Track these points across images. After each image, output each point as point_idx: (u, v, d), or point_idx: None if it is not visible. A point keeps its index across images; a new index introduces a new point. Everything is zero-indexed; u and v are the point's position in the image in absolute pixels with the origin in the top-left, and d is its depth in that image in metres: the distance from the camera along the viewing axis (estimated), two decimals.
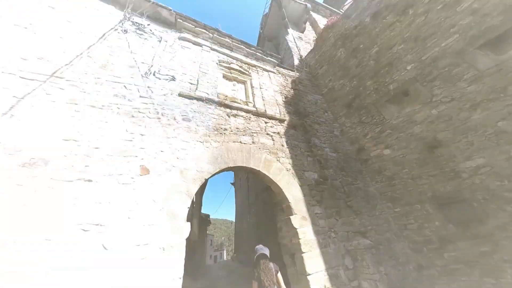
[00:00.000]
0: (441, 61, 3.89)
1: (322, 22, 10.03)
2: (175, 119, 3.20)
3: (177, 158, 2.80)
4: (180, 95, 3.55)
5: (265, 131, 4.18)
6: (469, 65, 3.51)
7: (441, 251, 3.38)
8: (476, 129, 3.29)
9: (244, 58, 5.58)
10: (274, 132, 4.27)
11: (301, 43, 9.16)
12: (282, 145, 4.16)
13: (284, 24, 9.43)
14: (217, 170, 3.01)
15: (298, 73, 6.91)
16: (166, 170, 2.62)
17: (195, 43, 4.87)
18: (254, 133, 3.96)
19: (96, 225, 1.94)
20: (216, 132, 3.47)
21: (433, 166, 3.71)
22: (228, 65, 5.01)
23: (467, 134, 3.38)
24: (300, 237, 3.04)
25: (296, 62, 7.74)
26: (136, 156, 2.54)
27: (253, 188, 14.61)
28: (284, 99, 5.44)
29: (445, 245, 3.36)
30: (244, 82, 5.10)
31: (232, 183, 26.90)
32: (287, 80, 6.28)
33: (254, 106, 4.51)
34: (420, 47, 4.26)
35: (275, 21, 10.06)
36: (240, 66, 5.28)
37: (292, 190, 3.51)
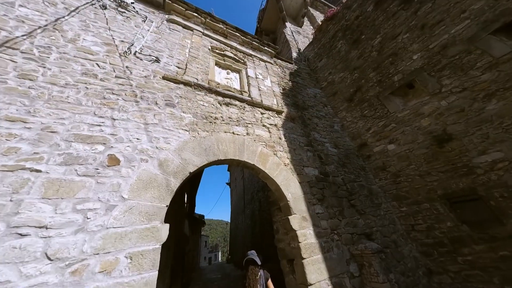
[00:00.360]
0: (450, 49, 3.61)
1: (320, 18, 9.77)
2: (156, 103, 2.76)
3: (157, 148, 2.37)
4: (164, 78, 3.11)
5: (261, 122, 3.79)
6: (483, 51, 3.23)
7: (454, 255, 3.06)
8: (492, 120, 3.00)
9: (239, 47, 5.18)
10: (271, 124, 3.89)
11: (299, 37, 8.86)
12: (280, 138, 3.77)
13: (282, 18, 9.10)
14: (204, 163, 2.59)
15: (296, 66, 6.57)
16: (141, 161, 2.18)
17: (185, 27, 4.44)
18: (249, 123, 3.56)
19: (39, 228, 1.48)
20: (205, 121, 3.05)
21: (443, 161, 3.40)
22: (221, 52, 4.60)
23: (481, 126, 3.09)
24: (300, 241, 2.65)
25: (294, 55, 7.41)
26: (104, 144, 2.09)
27: (249, 188, 14.21)
28: (282, 91, 5.07)
29: (458, 248, 3.04)
30: (239, 71, 4.70)
31: (227, 183, 26.42)
32: (285, 72, 5.92)
33: (249, 96, 4.11)
34: (427, 35, 3.98)
35: (273, 14, 9.74)
36: (235, 55, 4.88)
37: (291, 187, 3.13)
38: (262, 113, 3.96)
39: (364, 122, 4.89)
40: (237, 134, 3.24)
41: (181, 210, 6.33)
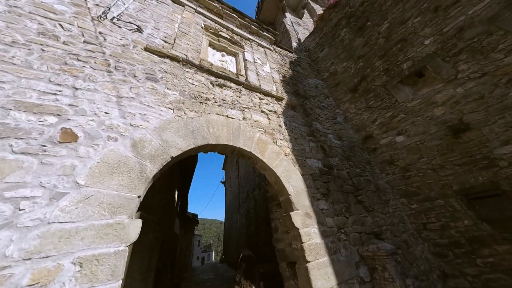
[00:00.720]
0: (468, 31, 3.30)
1: (320, 11, 9.44)
2: (135, 76, 2.30)
3: (131, 125, 1.91)
4: (147, 49, 2.64)
5: (259, 107, 3.37)
6: (506, 32, 2.92)
7: (472, 257, 2.74)
8: None
9: (236, 29, 4.74)
10: (270, 111, 3.47)
11: (299, 28, 8.49)
12: (280, 126, 3.37)
13: (281, 7, 8.70)
14: (191, 147, 2.15)
15: (296, 55, 6.18)
16: (109, 139, 1.72)
17: (175, 1, 3.96)
18: (246, 108, 3.14)
19: None
20: (194, 100, 2.61)
21: (460, 153, 3.09)
22: (216, 32, 4.15)
23: (504, 113, 2.78)
24: (303, 241, 2.25)
25: (294, 45, 7.03)
26: (59, 115, 1.61)
27: (244, 186, 13.81)
28: (281, 78, 4.66)
29: (478, 249, 2.72)
30: (235, 55, 4.26)
31: (222, 182, 25.92)
32: (285, 60, 5.52)
33: (246, 80, 3.69)
34: (441, 18, 3.66)
35: (272, 4, 9.33)
36: (231, 37, 4.43)
37: (292, 180, 2.72)
38: (260, 99, 3.55)
39: (370, 113, 4.55)
40: (232, 118, 2.81)
41: (170, 207, 5.84)
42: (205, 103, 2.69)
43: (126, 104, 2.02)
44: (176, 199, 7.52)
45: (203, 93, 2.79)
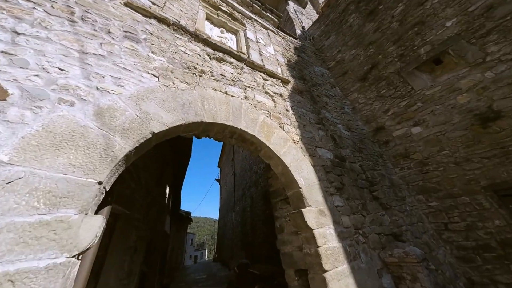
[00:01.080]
0: (498, 9, 2.94)
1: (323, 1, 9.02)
2: (109, 32, 1.78)
3: (98, 89, 1.40)
4: (128, 5, 2.11)
5: (263, 88, 2.91)
6: None
7: (506, 262, 2.40)
8: None
9: (237, 5, 4.24)
10: (275, 93, 3.02)
11: (302, 17, 8.05)
12: (287, 110, 2.92)
13: None
14: (180, 123, 1.66)
15: (301, 42, 5.74)
16: (60, 102, 1.21)
17: None
18: (248, 87, 2.67)
19: None
20: (186, 71, 2.11)
21: (489, 144, 2.73)
22: (215, 5, 3.64)
23: None
24: (319, 244, 1.81)
25: (298, 32, 6.58)
26: None
27: (240, 184, 13.36)
28: (286, 62, 4.21)
29: None
30: (235, 32, 3.76)
31: (217, 180, 25.39)
32: (289, 45, 5.07)
33: (248, 58, 3.21)
34: None
35: None
36: (231, 12, 3.93)
37: (303, 170, 2.28)
38: (264, 79, 3.08)
39: (381, 103, 4.17)
40: (232, 96, 2.33)
41: (160, 204, 5.31)
42: (200, 76, 2.20)
43: (93, 63, 1.51)
44: (167, 196, 6.97)
45: (197, 64, 2.30)
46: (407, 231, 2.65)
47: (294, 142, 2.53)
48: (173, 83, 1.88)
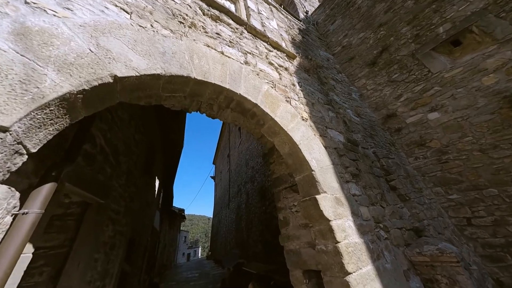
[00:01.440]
0: None
1: None
2: None
3: (27, 3, 0.93)
4: None
5: (267, 58, 2.47)
6: None
7: None
8: None
9: None
10: (280, 66, 2.58)
11: (305, 3, 7.63)
12: (293, 85, 2.50)
13: None
14: (157, 72, 1.20)
15: (304, 25, 5.32)
16: None
17: None
18: (249, 53, 2.22)
19: None
20: (170, 17, 1.64)
21: None
22: None
23: None
24: (338, 239, 1.41)
25: (302, 16, 6.15)
26: None
27: (235, 180, 12.95)
28: (291, 40, 3.78)
29: None
30: (235, 1, 3.30)
31: (212, 177, 24.91)
32: (293, 25, 4.63)
33: (250, 23, 2.75)
34: None
35: None
36: None
37: (314, 151, 1.87)
38: (268, 50, 2.64)
39: (393, 88, 3.82)
40: (229, 57, 1.88)
41: (148, 197, 4.81)
42: (190, 27, 1.74)
43: None
44: (157, 189, 6.45)
45: (187, 15, 1.83)
46: (429, 226, 2.30)
47: (303, 119, 2.12)
48: (152, 26, 1.42)
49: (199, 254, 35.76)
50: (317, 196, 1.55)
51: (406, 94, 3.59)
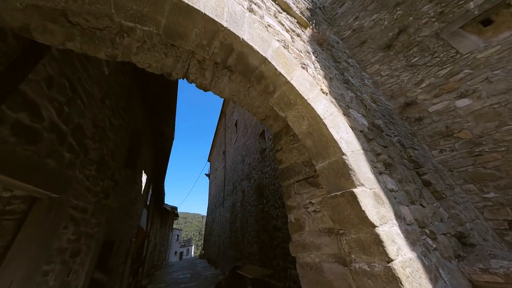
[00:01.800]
0: None
1: None
2: None
3: None
4: None
5: (275, 17, 1.95)
6: None
7: None
8: None
9: None
10: (291, 29, 2.07)
11: None
12: (308, 53, 1.99)
13: None
14: None
15: (311, 4, 4.81)
16: None
17: None
18: (254, 3, 1.69)
19: None
20: None
21: None
22: None
23: None
24: (391, 255, 0.92)
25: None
26: None
27: (231, 177, 12.44)
28: (299, 13, 3.26)
29: None
30: None
31: (207, 174, 24.27)
32: (299, 4, 4.12)
33: None
34: None
35: None
36: None
37: (341, 130, 1.37)
38: (277, 10, 2.12)
39: (412, 73, 3.38)
40: None
41: (128, 191, 4.21)
42: None
43: None
44: (144, 186, 5.83)
45: None
46: (472, 230, 1.86)
47: (323, 92, 1.61)
48: None
49: (192, 253, 35.11)
50: (354, 190, 1.06)
51: (428, 80, 3.16)
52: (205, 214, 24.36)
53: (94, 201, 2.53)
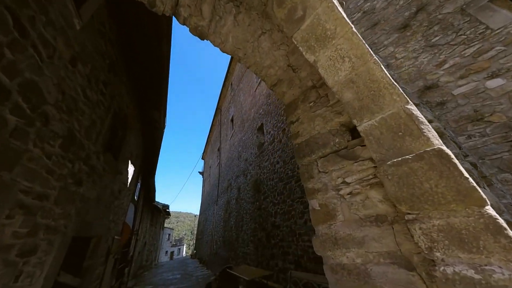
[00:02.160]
0: None
1: None
2: None
3: None
4: None
5: None
6: None
7: None
8: None
9: None
10: None
11: None
12: None
13: None
14: None
15: None
16: None
17: None
18: None
19: None
20: None
21: None
22: None
23: None
24: None
25: None
26: None
27: (226, 175, 11.96)
28: None
29: None
30: None
31: (200, 172, 23.62)
32: None
33: None
34: None
35: None
36: None
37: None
38: None
39: (432, 54, 3.06)
40: None
41: (111, 184, 3.68)
42: None
43: None
44: (130, 178, 5.28)
45: None
46: None
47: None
48: None
49: (184, 253, 34.27)
50: (444, 148, 0.66)
51: (452, 60, 2.84)
52: (198, 213, 23.69)
53: (59, 186, 2.03)
